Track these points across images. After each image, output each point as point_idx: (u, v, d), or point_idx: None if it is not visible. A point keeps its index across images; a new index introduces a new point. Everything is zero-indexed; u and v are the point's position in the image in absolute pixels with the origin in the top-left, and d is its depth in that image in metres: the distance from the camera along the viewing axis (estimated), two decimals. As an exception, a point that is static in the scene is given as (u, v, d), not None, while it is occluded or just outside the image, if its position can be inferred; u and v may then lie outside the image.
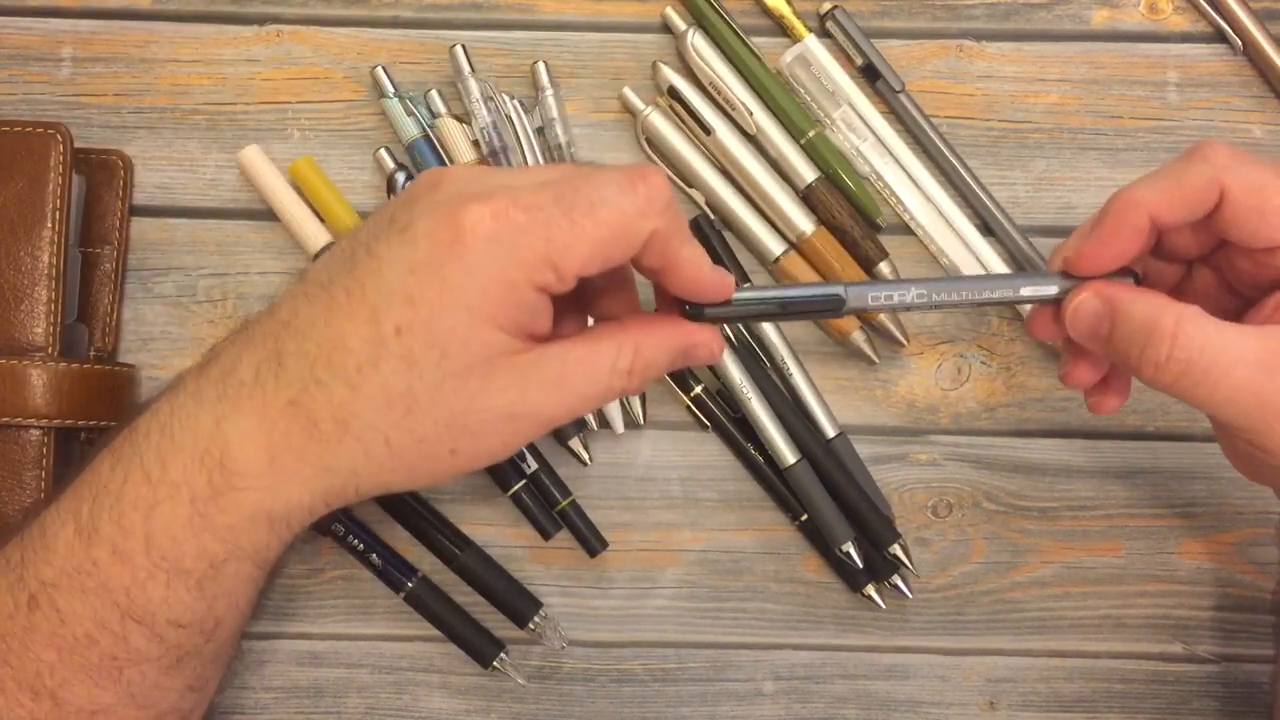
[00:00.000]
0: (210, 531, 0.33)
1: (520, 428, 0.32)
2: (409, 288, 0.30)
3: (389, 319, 0.30)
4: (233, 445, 0.32)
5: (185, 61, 0.47)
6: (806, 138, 0.46)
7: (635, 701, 0.45)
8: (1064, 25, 0.48)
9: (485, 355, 0.30)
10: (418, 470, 0.33)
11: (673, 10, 0.47)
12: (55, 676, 0.34)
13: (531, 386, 0.31)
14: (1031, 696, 0.46)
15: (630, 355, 0.32)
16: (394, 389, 0.31)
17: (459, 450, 0.32)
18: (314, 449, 0.32)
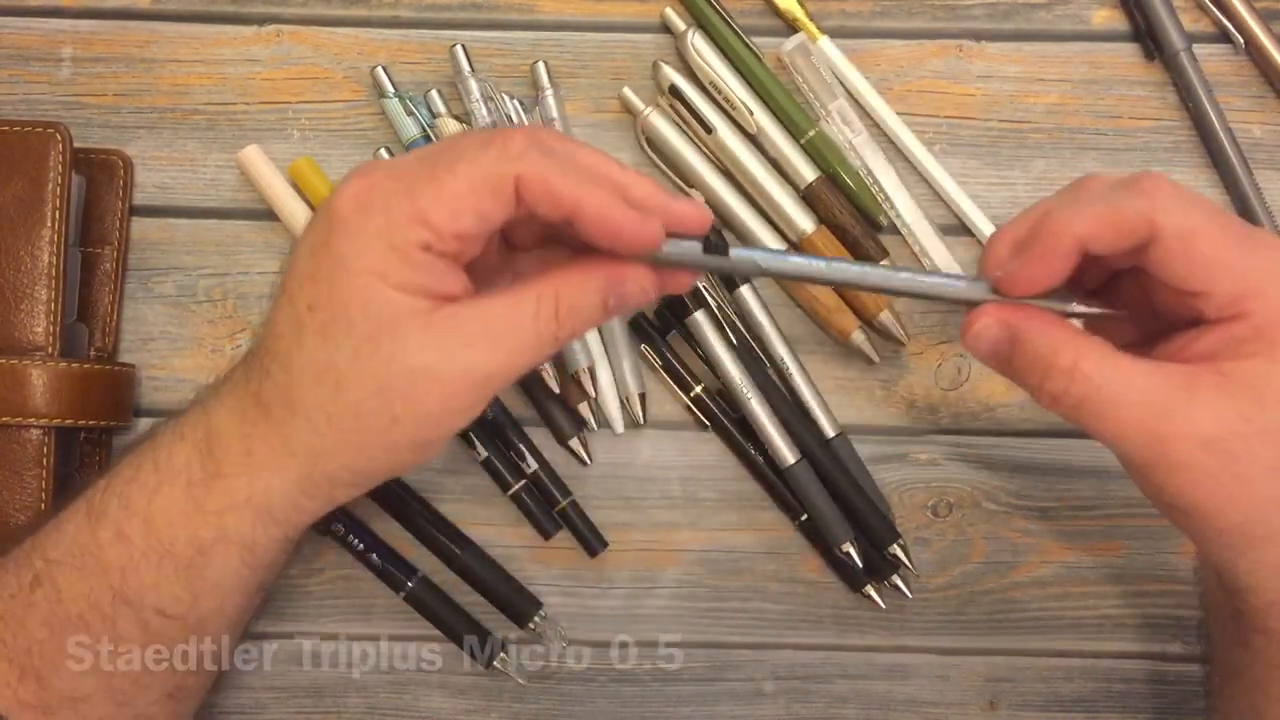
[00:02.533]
0: (200, 516, 0.34)
1: (454, 388, 0.32)
2: (311, 267, 0.32)
3: (301, 299, 0.32)
4: (218, 435, 0.34)
5: (185, 61, 0.47)
6: (807, 137, 0.46)
7: (635, 701, 0.45)
8: (1064, 25, 0.48)
9: (391, 317, 0.31)
10: (371, 445, 0.33)
11: (673, 10, 0.47)
12: (43, 656, 0.35)
13: (452, 343, 0.31)
14: (1031, 696, 0.46)
15: (551, 300, 0.32)
16: (318, 364, 0.32)
17: (399, 417, 0.32)
18: (274, 435, 0.33)
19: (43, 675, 0.35)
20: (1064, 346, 0.32)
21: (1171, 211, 0.31)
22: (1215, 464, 0.31)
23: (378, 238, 0.31)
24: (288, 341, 0.32)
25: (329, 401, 0.32)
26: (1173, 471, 0.31)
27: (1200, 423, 0.30)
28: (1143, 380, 0.31)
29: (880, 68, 0.48)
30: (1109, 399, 0.31)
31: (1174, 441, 0.31)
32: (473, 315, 0.32)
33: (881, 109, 0.47)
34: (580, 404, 0.45)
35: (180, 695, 0.38)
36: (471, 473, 0.45)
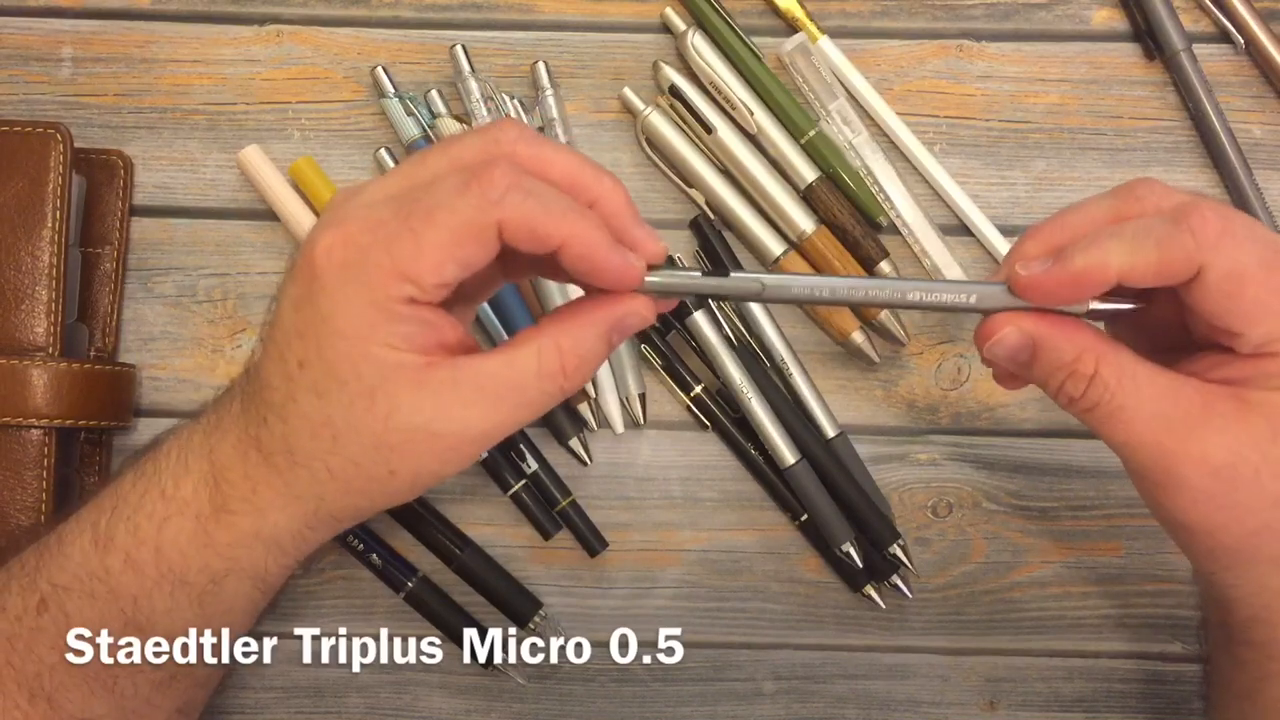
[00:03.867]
0: (212, 548, 0.34)
1: (450, 445, 0.31)
2: (297, 323, 0.31)
3: (291, 355, 0.31)
4: (223, 471, 0.34)
5: (185, 61, 0.47)
6: (807, 137, 0.46)
7: (635, 701, 0.45)
8: (1064, 25, 0.48)
9: (382, 376, 0.30)
10: (371, 493, 0.33)
11: (673, 10, 0.47)
12: (54, 680, 0.35)
13: (448, 402, 0.31)
14: (1031, 696, 0.46)
15: (553, 355, 0.31)
16: (314, 420, 0.31)
17: (397, 470, 0.32)
18: (276, 479, 0.33)
19: (54, 698, 0.35)
20: (1086, 351, 0.31)
21: (1219, 254, 0.30)
22: (1220, 489, 0.30)
23: (359, 297, 0.30)
24: (281, 394, 0.32)
25: (328, 455, 0.32)
26: (1177, 490, 0.31)
27: (1212, 446, 0.30)
28: (1161, 393, 0.31)
29: (880, 68, 0.48)
30: (1125, 407, 0.31)
31: (1183, 461, 0.30)
32: (471, 374, 0.31)
33: (881, 109, 0.47)
34: (580, 404, 0.45)
35: (188, 710, 0.38)
36: (471, 473, 0.45)
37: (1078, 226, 0.32)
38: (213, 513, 0.34)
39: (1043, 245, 0.32)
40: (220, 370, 0.46)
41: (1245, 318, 0.30)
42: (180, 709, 0.38)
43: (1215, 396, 0.31)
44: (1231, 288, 0.30)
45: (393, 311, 0.30)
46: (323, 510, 0.33)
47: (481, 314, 0.46)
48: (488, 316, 0.45)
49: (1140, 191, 0.32)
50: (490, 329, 0.46)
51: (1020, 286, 0.32)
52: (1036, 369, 0.32)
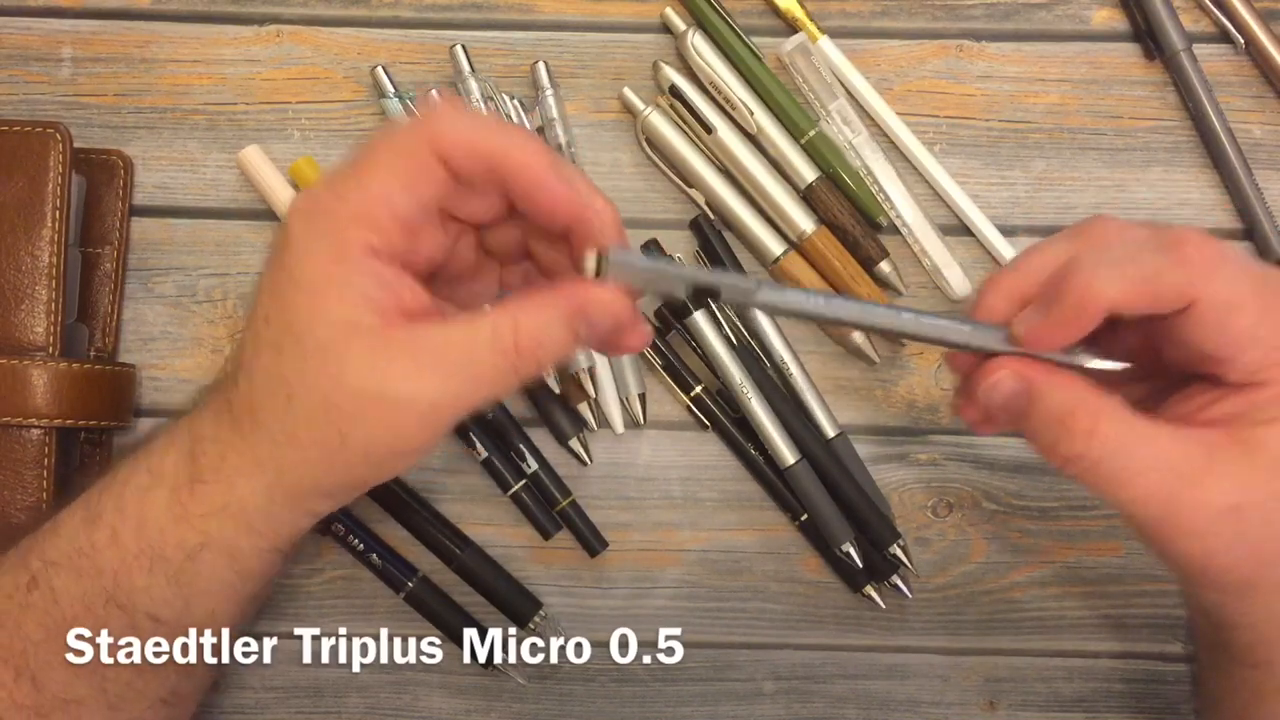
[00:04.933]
0: (187, 521, 0.34)
1: (401, 415, 0.30)
2: (268, 281, 0.32)
3: (260, 311, 0.32)
4: (199, 440, 0.34)
5: (185, 61, 0.47)
6: (807, 137, 0.46)
7: (635, 701, 0.45)
8: (1064, 25, 0.48)
9: (336, 334, 0.30)
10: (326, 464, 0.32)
11: (673, 10, 0.47)
12: (38, 658, 0.35)
13: (399, 367, 0.30)
14: (1031, 696, 0.46)
15: (510, 329, 0.31)
16: (273, 375, 0.32)
17: (347, 437, 0.31)
18: (243, 443, 0.33)
19: (38, 677, 0.35)
20: (1081, 407, 0.31)
21: (1212, 283, 0.30)
22: (1230, 530, 0.30)
23: (320, 249, 0.30)
24: (249, 352, 0.32)
25: (283, 414, 0.32)
26: (1187, 537, 0.30)
27: (1219, 491, 0.30)
28: (1161, 446, 0.30)
29: (880, 68, 0.48)
30: (1126, 465, 0.30)
31: (1191, 509, 0.30)
32: (426, 340, 0.31)
33: (881, 109, 0.47)
34: (580, 404, 0.45)
35: (174, 700, 0.38)
36: (471, 473, 0.45)
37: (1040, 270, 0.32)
38: (188, 483, 0.34)
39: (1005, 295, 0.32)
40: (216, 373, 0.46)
41: (1235, 346, 0.30)
42: (165, 699, 0.37)
43: (1214, 440, 0.30)
44: (1224, 317, 0.30)
45: (355, 263, 0.30)
46: (285, 481, 0.33)
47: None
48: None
49: (1097, 229, 0.32)
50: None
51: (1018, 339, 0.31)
52: (1032, 420, 0.31)
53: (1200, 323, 0.30)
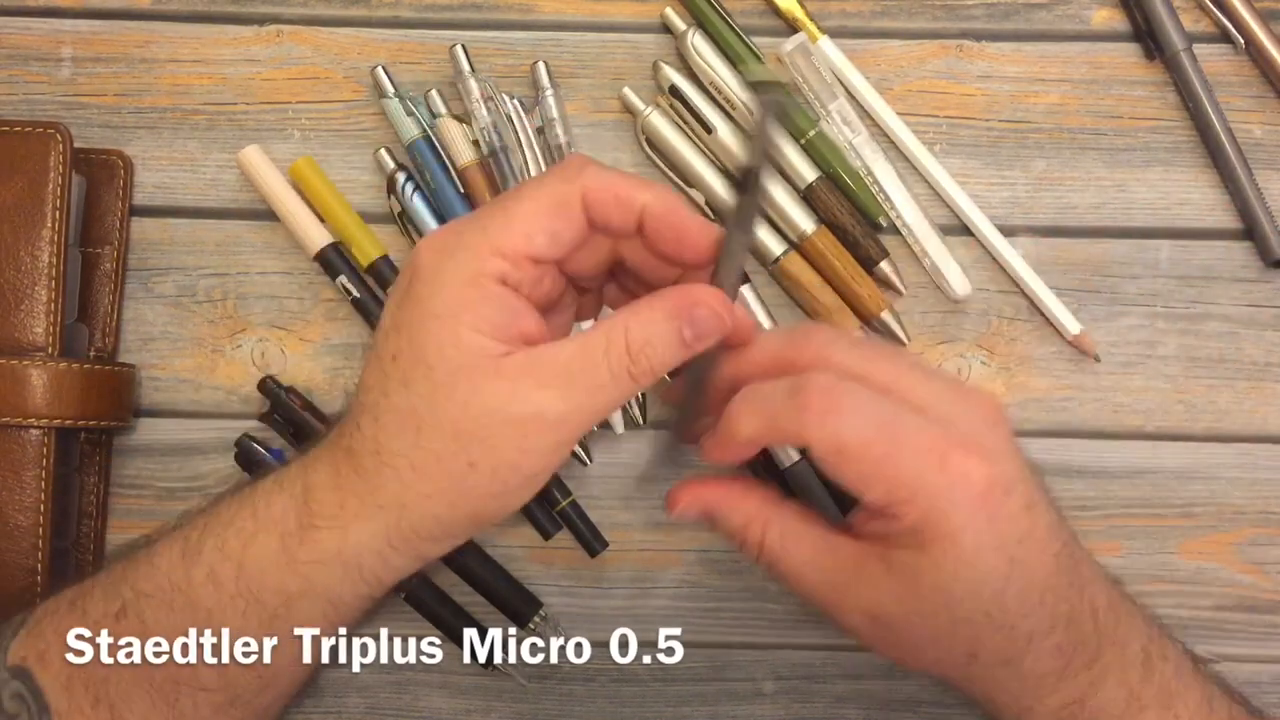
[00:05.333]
0: (291, 568, 0.34)
1: (529, 432, 0.31)
2: (395, 319, 0.33)
3: (386, 350, 0.33)
4: (313, 487, 0.34)
5: (185, 61, 0.47)
6: (807, 137, 0.46)
7: (635, 701, 0.45)
8: (1064, 25, 0.48)
9: (467, 360, 0.31)
10: (451, 492, 0.32)
11: (673, 10, 0.47)
12: (118, 689, 0.35)
13: (526, 385, 0.31)
14: (1031, 696, 0.45)
15: (621, 337, 0.32)
16: (401, 411, 0.32)
17: (475, 463, 0.31)
18: (364, 486, 0.33)
19: (116, 706, 0.35)
20: (752, 522, 0.35)
21: (823, 430, 0.31)
22: (881, 633, 0.34)
23: (455, 277, 0.31)
24: (375, 393, 0.33)
25: (412, 449, 0.32)
26: (850, 631, 0.34)
27: (865, 601, 0.33)
28: (819, 554, 0.34)
29: (880, 68, 0.48)
30: (791, 570, 0.35)
31: (847, 611, 0.34)
32: (545, 358, 0.32)
33: (881, 109, 0.47)
34: (580, 404, 0.45)
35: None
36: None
37: (748, 364, 0.35)
38: (298, 530, 0.34)
39: (731, 377, 0.35)
40: (220, 370, 0.46)
41: (855, 485, 0.32)
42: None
43: (864, 555, 0.33)
44: (835, 461, 0.32)
45: (485, 290, 0.31)
46: (405, 522, 0.33)
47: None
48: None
49: (809, 338, 0.34)
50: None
51: (702, 452, 0.35)
52: (719, 530, 0.36)
53: (821, 461, 0.32)
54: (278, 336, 0.46)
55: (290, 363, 0.46)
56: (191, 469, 0.46)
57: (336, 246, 0.46)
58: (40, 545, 0.42)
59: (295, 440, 0.45)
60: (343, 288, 0.45)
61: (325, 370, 0.46)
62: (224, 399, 0.46)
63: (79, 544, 0.45)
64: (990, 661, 0.33)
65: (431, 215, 0.46)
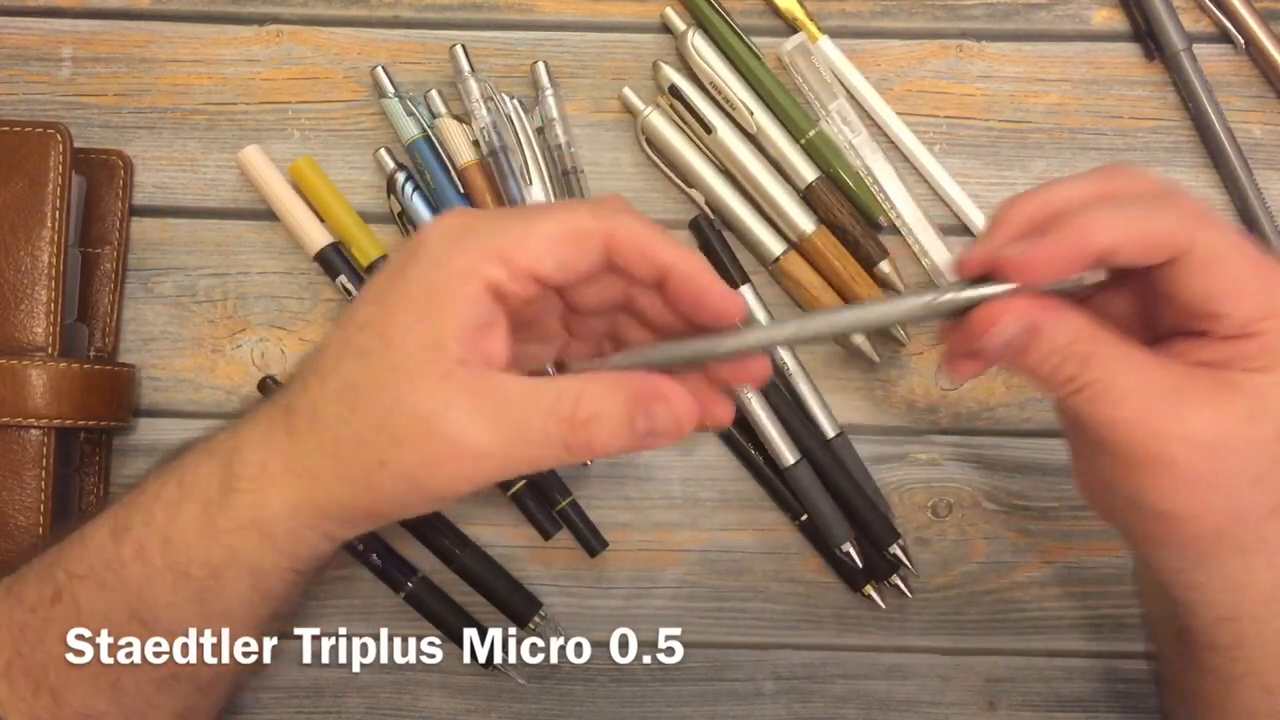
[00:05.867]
0: (212, 537, 0.34)
1: (442, 454, 0.30)
2: (378, 290, 0.32)
3: (358, 317, 0.32)
4: (240, 448, 0.34)
5: (185, 61, 0.47)
6: (807, 137, 0.46)
7: (635, 701, 0.45)
8: (1064, 25, 0.48)
9: (418, 351, 0.30)
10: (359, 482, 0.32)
11: (672, 10, 0.47)
12: (59, 674, 0.35)
13: (459, 404, 0.30)
14: (1031, 696, 0.46)
15: (571, 400, 0.31)
16: (346, 381, 0.32)
17: (386, 461, 0.31)
18: (290, 449, 0.33)
19: (58, 691, 0.35)
20: (1082, 333, 0.31)
21: (1203, 230, 0.30)
22: (1205, 466, 0.30)
23: (451, 264, 0.31)
24: (331, 357, 0.32)
25: (341, 422, 0.31)
26: (1161, 469, 0.31)
27: (1198, 423, 0.30)
28: (1148, 372, 0.31)
29: (880, 68, 0.48)
30: (1114, 386, 0.31)
31: (1169, 439, 0.30)
32: (491, 386, 0.31)
33: (881, 109, 0.47)
34: (580, 404, 0.45)
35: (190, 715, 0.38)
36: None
37: (1057, 204, 0.32)
38: (219, 495, 0.34)
39: (1026, 218, 0.32)
40: (220, 370, 0.46)
41: (1229, 297, 0.30)
42: (181, 714, 0.37)
43: (1197, 375, 0.31)
44: (1215, 267, 0.30)
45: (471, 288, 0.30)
46: (315, 496, 0.33)
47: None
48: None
49: (1121, 174, 0.33)
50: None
51: (1013, 266, 0.31)
52: (1031, 355, 0.32)
53: (1194, 271, 0.30)
54: (278, 336, 0.46)
55: (290, 363, 0.46)
56: (191, 469, 0.46)
57: (336, 246, 0.46)
58: (40, 545, 0.42)
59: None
60: (343, 288, 0.45)
61: (325, 370, 0.46)
62: (224, 399, 0.46)
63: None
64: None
65: (431, 215, 0.46)
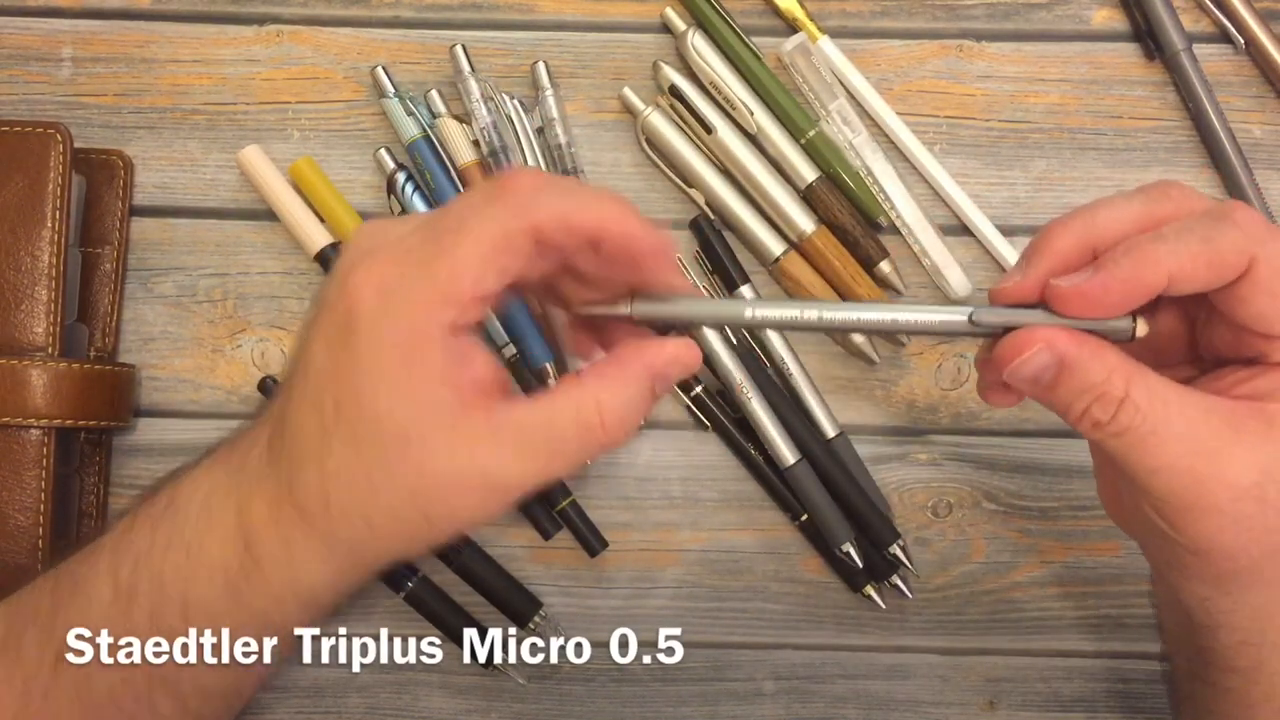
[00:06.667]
0: (242, 608, 0.33)
1: (486, 492, 0.30)
2: (330, 365, 0.30)
3: (326, 400, 0.30)
4: (255, 529, 0.33)
5: (185, 61, 0.47)
6: (807, 137, 0.46)
7: (635, 701, 0.45)
8: (1064, 25, 0.48)
9: (417, 416, 0.30)
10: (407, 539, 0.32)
11: (673, 10, 0.47)
12: None
13: (484, 449, 0.30)
14: (1031, 696, 0.46)
15: (592, 410, 0.31)
16: (352, 470, 0.30)
17: (433, 517, 0.31)
18: (313, 533, 0.32)
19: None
20: (1115, 372, 0.30)
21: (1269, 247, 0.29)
22: (1247, 510, 0.29)
23: (397, 329, 0.29)
24: (316, 444, 0.31)
25: (365, 506, 0.31)
26: (1204, 514, 0.30)
27: (1242, 467, 0.29)
28: (1191, 415, 0.30)
29: (880, 68, 0.48)
30: (1156, 431, 0.29)
31: (1214, 485, 0.29)
32: (507, 420, 0.30)
33: (881, 109, 0.47)
34: (580, 404, 0.45)
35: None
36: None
37: (1106, 226, 0.31)
38: (243, 573, 0.33)
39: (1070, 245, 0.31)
40: (220, 370, 0.46)
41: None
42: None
43: (1243, 414, 0.30)
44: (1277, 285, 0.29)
45: (432, 342, 0.29)
46: (359, 560, 0.33)
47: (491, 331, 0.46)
48: (498, 332, 0.45)
49: (1172, 192, 0.31)
50: (490, 330, 0.45)
51: (1063, 298, 0.30)
52: (1061, 391, 0.30)
53: (1257, 290, 0.29)
54: (278, 336, 0.46)
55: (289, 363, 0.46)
56: (191, 469, 0.46)
57: (336, 246, 0.46)
58: (40, 545, 0.42)
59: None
60: (343, 288, 0.45)
61: (325, 370, 0.46)
62: (224, 399, 0.46)
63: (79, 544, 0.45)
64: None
65: (431, 215, 0.46)
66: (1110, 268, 0.29)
